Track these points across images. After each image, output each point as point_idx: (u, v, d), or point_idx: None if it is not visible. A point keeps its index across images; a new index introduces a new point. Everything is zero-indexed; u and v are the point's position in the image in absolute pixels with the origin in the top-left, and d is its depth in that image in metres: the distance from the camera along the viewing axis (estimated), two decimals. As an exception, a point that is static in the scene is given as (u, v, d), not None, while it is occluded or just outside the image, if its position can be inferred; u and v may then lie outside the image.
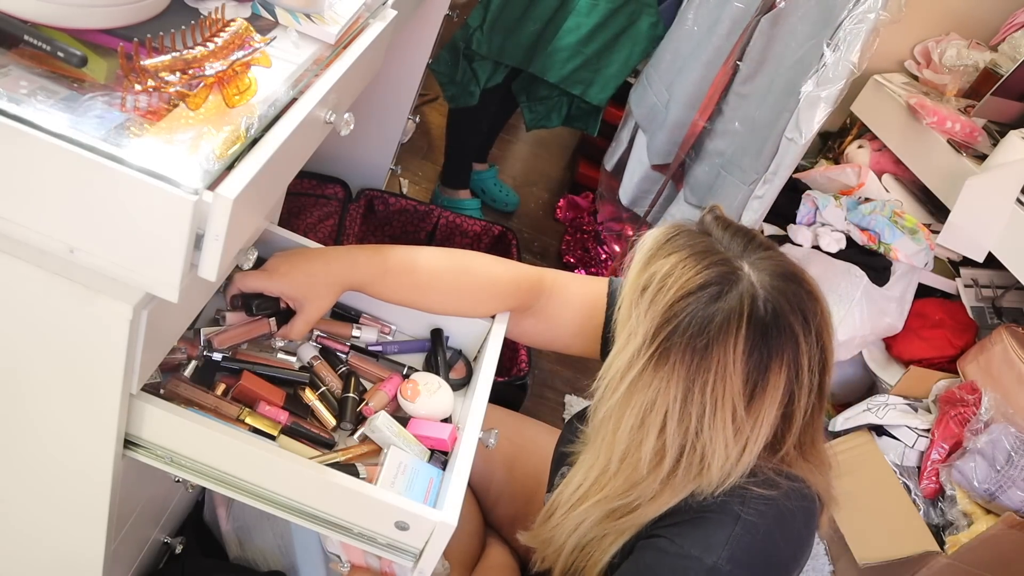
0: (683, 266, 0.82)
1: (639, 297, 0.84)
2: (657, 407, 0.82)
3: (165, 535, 1.22)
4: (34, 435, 0.83)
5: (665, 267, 0.82)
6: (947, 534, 1.64)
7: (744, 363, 0.79)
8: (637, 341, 0.82)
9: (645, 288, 0.83)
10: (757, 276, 0.81)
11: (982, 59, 2.10)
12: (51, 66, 0.65)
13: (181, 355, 0.99)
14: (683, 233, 0.86)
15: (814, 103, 1.61)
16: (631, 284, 0.86)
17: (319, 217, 1.98)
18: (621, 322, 0.87)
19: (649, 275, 0.83)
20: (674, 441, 0.82)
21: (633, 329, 0.83)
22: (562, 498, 0.95)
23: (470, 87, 2.16)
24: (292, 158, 0.79)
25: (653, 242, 0.87)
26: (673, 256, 0.83)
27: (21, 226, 0.65)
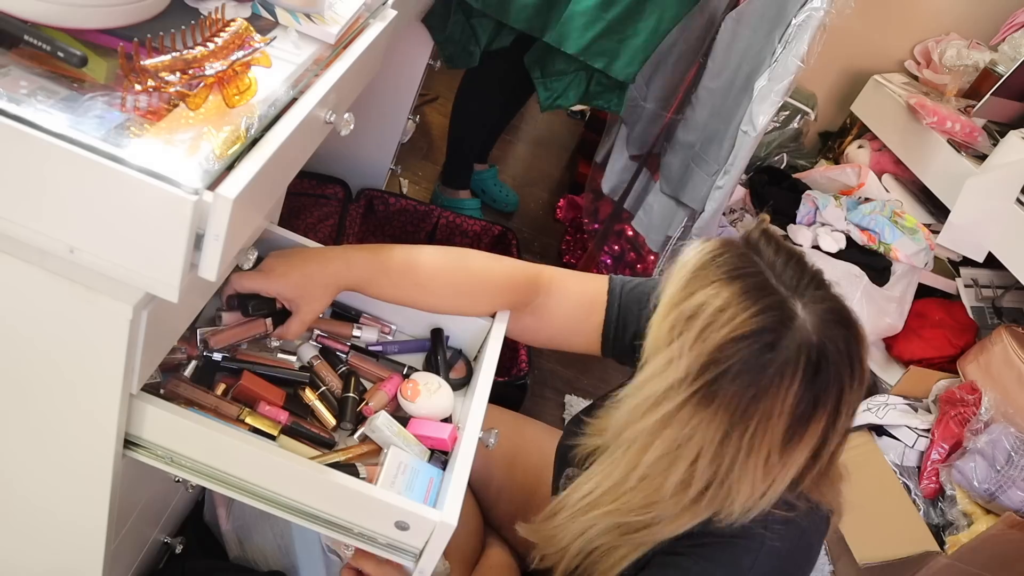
0: (737, 304, 0.78)
1: (685, 325, 0.80)
2: (692, 443, 0.80)
3: (165, 535, 1.22)
4: (34, 435, 0.83)
5: (717, 302, 0.79)
6: (947, 534, 1.64)
7: (790, 414, 0.77)
8: (679, 373, 0.79)
9: (692, 317, 0.79)
10: (812, 321, 0.78)
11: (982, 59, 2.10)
12: (51, 66, 0.65)
13: (181, 355, 0.99)
14: (731, 254, 0.83)
15: (765, 97, 1.65)
16: (673, 303, 0.82)
17: (319, 217, 1.98)
18: (657, 341, 0.83)
19: (698, 304, 0.80)
20: (703, 475, 0.81)
21: (674, 357, 0.80)
22: (569, 500, 0.94)
23: (469, 46, 1.90)
24: (292, 158, 0.79)
25: (698, 260, 0.83)
26: (724, 288, 0.79)
27: (21, 226, 0.65)
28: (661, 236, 2.02)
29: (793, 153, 2.42)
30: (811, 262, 0.85)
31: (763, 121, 1.66)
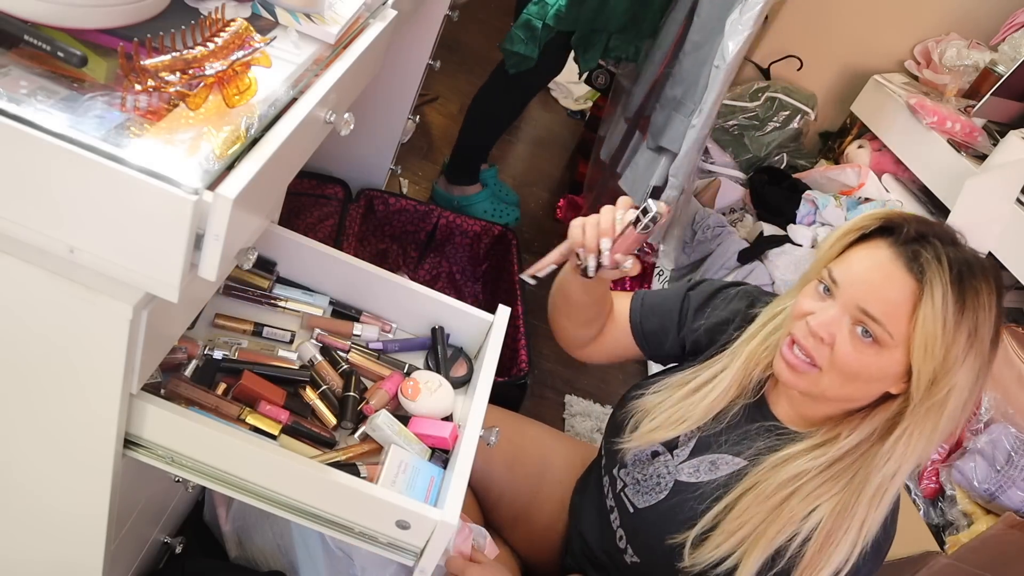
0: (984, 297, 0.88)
1: (967, 344, 0.87)
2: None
3: (165, 535, 1.22)
4: (34, 434, 0.83)
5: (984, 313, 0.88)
6: (947, 534, 1.64)
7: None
8: (979, 364, 0.89)
9: (971, 335, 0.87)
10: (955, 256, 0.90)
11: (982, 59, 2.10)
12: (51, 66, 0.65)
13: (181, 355, 0.99)
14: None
15: (735, 29, 1.70)
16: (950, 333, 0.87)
17: (319, 217, 1.98)
18: (949, 363, 0.87)
19: (972, 323, 0.87)
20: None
21: (971, 363, 0.88)
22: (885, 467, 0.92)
23: (534, 53, 2.16)
24: (292, 158, 0.79)
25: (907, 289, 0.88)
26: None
27: (21, 226, 0.65)
28: (643, 188, 2.06)
29: (793, 153, 2.42)
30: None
31: (733, 50, 1.72)
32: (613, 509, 1.12)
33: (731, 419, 1.03)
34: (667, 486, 1.04)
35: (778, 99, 2.36)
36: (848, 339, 0.89)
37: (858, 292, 0.88)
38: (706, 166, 2.36)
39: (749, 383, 1.02)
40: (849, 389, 0.91)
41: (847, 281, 0.90)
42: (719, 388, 1.03)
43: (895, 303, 0.86)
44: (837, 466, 0.92)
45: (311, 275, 1.18)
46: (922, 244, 0.88)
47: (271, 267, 1.17)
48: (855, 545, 0.89)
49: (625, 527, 1.09)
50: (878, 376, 0.89)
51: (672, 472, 1.04)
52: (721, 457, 1.01)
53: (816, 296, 0.93)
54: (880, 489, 0.90)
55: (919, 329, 0.85)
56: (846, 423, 0.93)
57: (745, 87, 2.43)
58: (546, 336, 2.22)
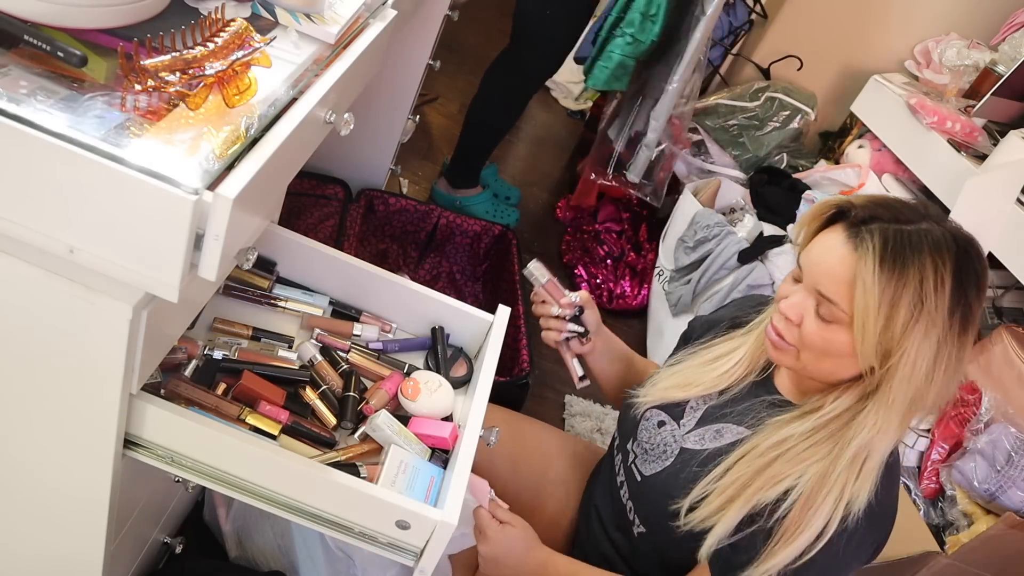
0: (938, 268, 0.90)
1: (916, 309, 0.89)
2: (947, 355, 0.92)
3: (165, 535, 1.22)
4: (34, 435, 0.83)
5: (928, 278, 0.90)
6: (947, 534, 1.64)
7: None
8: (938, 333, 0.91)
9: (917, 303, 0.89)
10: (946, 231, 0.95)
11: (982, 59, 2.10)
12: (51, 66, 0.65)
13: (181, 355, 0.99)
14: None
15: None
16: (890, 305, 0.90)
17: (319, 217, 1.98)
18: (893, 334, 0.90)
19: (915, 291, 0.89)
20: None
21: (928, 326, 0.90)
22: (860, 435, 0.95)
23: (626, 87, 2.23)
24: (292, 158, 0.79)
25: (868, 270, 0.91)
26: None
27: (21, 226, 0.65)
28: (627, 134, 2.29)
29: (793, 153, 2.42)
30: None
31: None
32: (623, 484, 1.14)
33: (738, 393, 1.09)
34: (673, 453, 1.08)
35: (778, 99, 2.36)
36: (813, 319, 0.95)
37: (815, 274, 0.95)
38: (706, 166, 2.36)
39: (760, 361, 1.09)
40: (826, 364, 0.96)
41: (807, 265, 0.96)
42: (732, 361, 1.10)
43: (843, 281, 0.91)
44: (820, 433, 0.96)
45: (311, 275, 1.18)
46: (867, 224, 0.92)
47: (271, 267, 1.17)
48: (835, 510, 0.92)
49: (633, 497, 1.12)
50: (847, 352, 0.93)
51: (678, 440, 1.08)
52: (726, 426, 1.06)
53: (791, 281, 1.01)
54: (858, 457, 0.94)
55: (856, 303, 0.90)
56: (831, 393, 0.98)
57: (745, 87, 2.42)
58: (546, 336, 2.22)
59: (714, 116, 2.36)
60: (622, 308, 2.41)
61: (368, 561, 1.14)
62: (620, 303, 2.41)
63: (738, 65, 2.61)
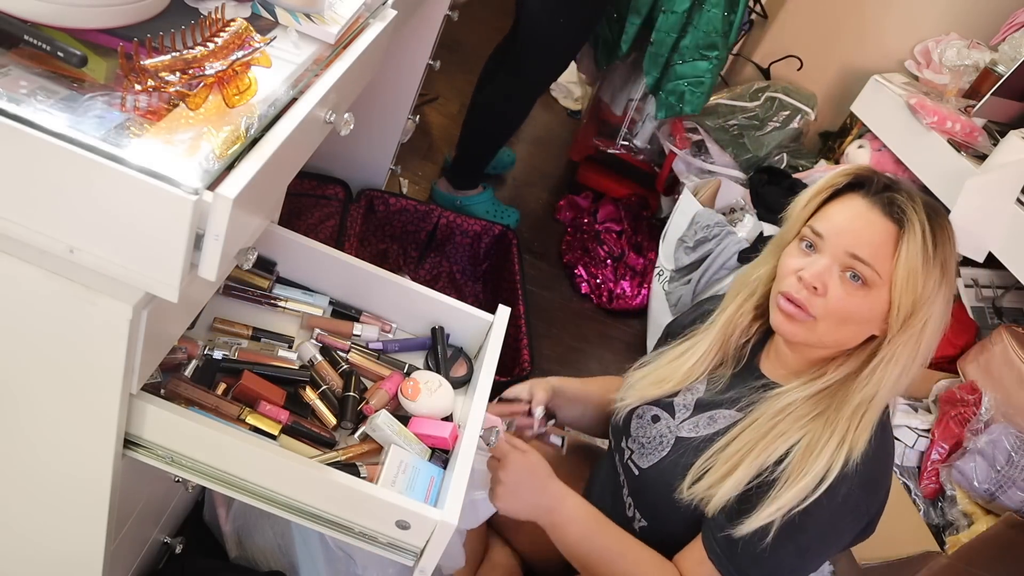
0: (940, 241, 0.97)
1: (942, 272, 0.96)
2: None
3: (165, 535, 1.22)
4: (34, 435, 0.83)
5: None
6: (947, 534, 1.64)
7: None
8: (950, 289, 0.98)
9: (944, 266, 0.96)
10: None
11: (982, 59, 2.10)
12: (51, 66, 0.65)
13: (181, 355, 0.99)
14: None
15: None
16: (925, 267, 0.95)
17: (320, 218, 1.98)
18: (925, 294, 0.95)
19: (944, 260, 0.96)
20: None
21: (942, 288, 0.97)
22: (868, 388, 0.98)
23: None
24: (292, 158, 0.79)
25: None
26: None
27: (21, 226, 0.65)
28: (624, 100, 2.44)
29: (793, 153, 2.42)
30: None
31: None
32: (624, 483, 1.15)
33: (723, 385, 1.11)
34: (669, 443, 1.09)
35: (778, 99, 2.35)
36: (840, 285, 0.97)
37: (845, 239, 0.97)
38: (706, 166, 2.36)
39: (729, 348, 1.11)
40: (842, 332, 0.99)
41: (832, 232, 0.98)
42: (698, 352, 1.12)
43: (879, 244, 0.95)
44: (822, 394, 1.00)
45: (311, 275, 1.18)
46: (894, 191, 0.97)
47: (271, 267, 1.17)
48: (836, 455, 0.95)
49: (632, 492, 1.12)
50: (868, 316, 0.97)
51: (673, 431, 1.10)
52: (719, 412, 1.08)
53: (800, 253, 1.01)
54: (860, 408, 0.97)
55: (902, 264, 0.94)
56: (832, 363, 1.02)
57: (745, 87, 2.42)
58: (546, 336, 2.23)
59: (714, 116, 2.36)
60: (622, 308, 2.41)
61: (368, 561, 1.14)
62: (620, 303, 2.41)
63: (738, 65, 2.61)
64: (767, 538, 0.95)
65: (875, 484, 0.99)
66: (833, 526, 0.97)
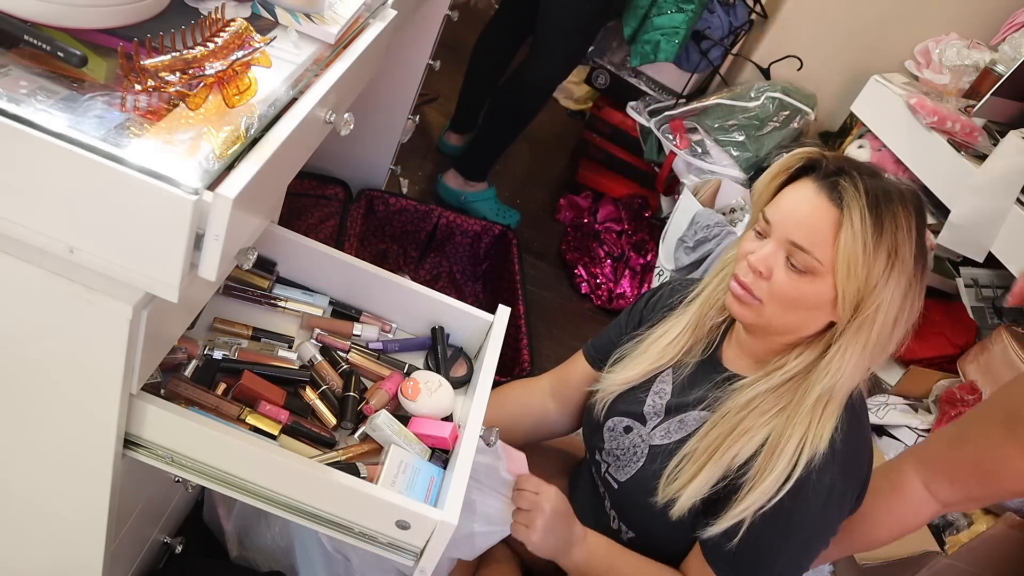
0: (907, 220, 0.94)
1: (894, 259, 0.93)
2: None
3: (165, 535, 1.22)
4: (34, 435, 0.83)
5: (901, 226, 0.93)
6: (947, 534, 1.64)
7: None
8: (907, 276, 0.94)
9: (891, 254, 0.93)
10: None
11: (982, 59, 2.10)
12: (51, 66, 0.65)
13: (181, 355, 0.99)
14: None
15: None
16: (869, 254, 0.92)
17: (320, 218, 1.98)
18: (870, 282, 0.93)
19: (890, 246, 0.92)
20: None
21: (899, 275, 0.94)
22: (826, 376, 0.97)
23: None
24: (292, 158, 0.79)
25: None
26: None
27: (21, 226, 0.65)
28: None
29: (793, 153, 2.42)
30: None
31: None
32: (605, 495, 1.14)
33: (688, 376, 1.10)
34: (643, 454, 1.09)
35: (778, 99, 2.35)
36: (784, 271, 0.96)
37: (787, 226, 0.96)
38: (706, 166, 2.36)
39: (703, 330, 1.11)
40: (791, 318, 0.97)
41: (777, 218, 0.97)
42: (672, 334, 1.12)
43: (819, 231, 0.93)
44: (785, 386, 0.99)
45: (311, 275, 1.18)
46: (841, 175, 0.95)
47: (271, 267, 1.17)
48: (798, 452, 0.95)
49: (614, 505, 1.12)
50: (815, 303, 0.95)
51: (646, 439, 1.09)
52: (688, 414, 1.07)
53: (753, 238, 1.01)
54: (820, 401, 0.96)
55: (841, 252, 0.92)
56: (793, 352, 1.00)
57: (745, 87, 2.42)
58: (546, 336, 2.22)
59: (714, 116, 2.36)
60: (622, 308, 2.41)
61: (366, 563, 1.14)
62: (620, 303, 2.41)
63: (738, 65, 2.61)
64: (764, 541, 0.95)
65: (855, 464, 1.00)
66: (825, 516, 0.98)
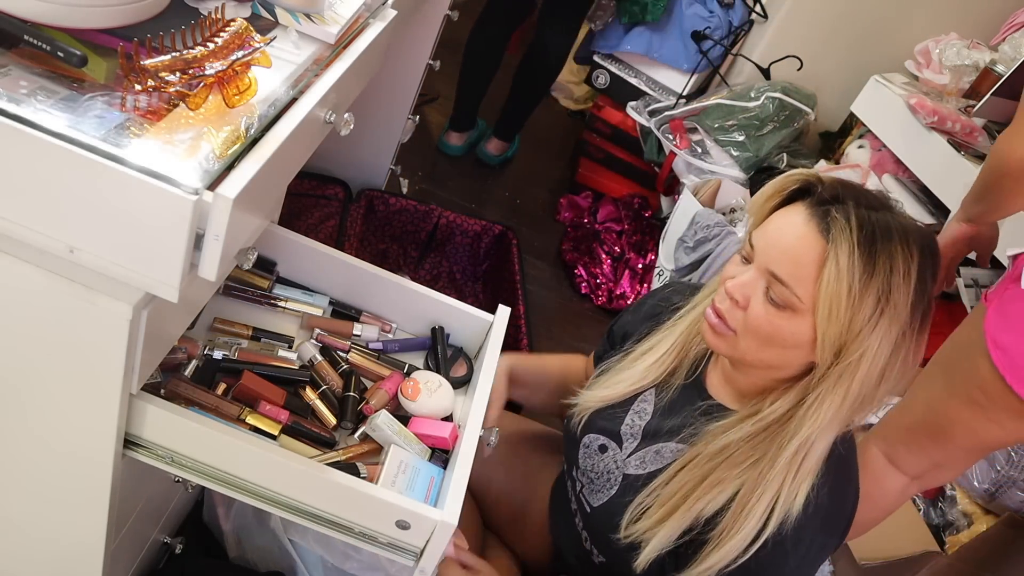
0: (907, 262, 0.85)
1: (885, 302, 0.84)
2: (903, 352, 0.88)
3: (165, 535, 1.22)
4: (34, 435, 0.83)
5: (898, 270, 0.84)
6: (947, 534, 1.64)
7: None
8: (900, 325, 0.85)
9: (884, 295, 0.84)
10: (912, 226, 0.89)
11: (982, 59, 2.10)
12: (51, 66, 0.65)
13: (181, 355, 0.99)
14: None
15: None
16: (861, 289, 0.84)
17: (320, 218, 1.98)
18: (856, 325, 0.85)
19: (882, 284, 0.84)
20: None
21: (891, 321, 0.86)
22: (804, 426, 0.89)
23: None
24: (292, 158, 0.79)
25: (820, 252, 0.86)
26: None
27: (21, 226, 0.65)
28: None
29: (793, 153, 2.42)
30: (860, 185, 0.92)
31: None
32: (576, 512, 1.12)
33: (670, 400, 1.04)
34: (616, 481, 1.05)
35: (778, 99, 2.35)
36: (761, 302, 0.87)
37: (769, 254, 0.87)
38: (706, 166, 2.36)
39: (689, 352, 1.03)
40: (768, 354, 0.89)
41: (761, 244, 0.89)
42: (659, 352, 1.04)
43: (802, 264, 0.84)
44: (761, 436, 0.91)
45: (311, 275, 1.18)
46: (835, 204, 0.85)
47: (271, 267, 1.17)
48: (769, 512, 0.88)
49: (586, 527, 1.10)
50: (792, 342, 0.87)
51: (620, 466, 1.05)
52: (665, 446, 1.01)
53: (738, 262, 0.92)
54: (796, 456, 0.88)
55: (823, 291, 0.83)
56: (772, 394, 0.92)
57: (745, 87, 2.42)
58: (546, 337, 2.22)
59: (714, 116, 2.36)
60: (622, 308, 2.41)
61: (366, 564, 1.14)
62: (620, 303, 2.41)
63: (738, 65, 2.61)
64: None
65: (838, 517, 0.94)
66: (800, 572, 0.93)
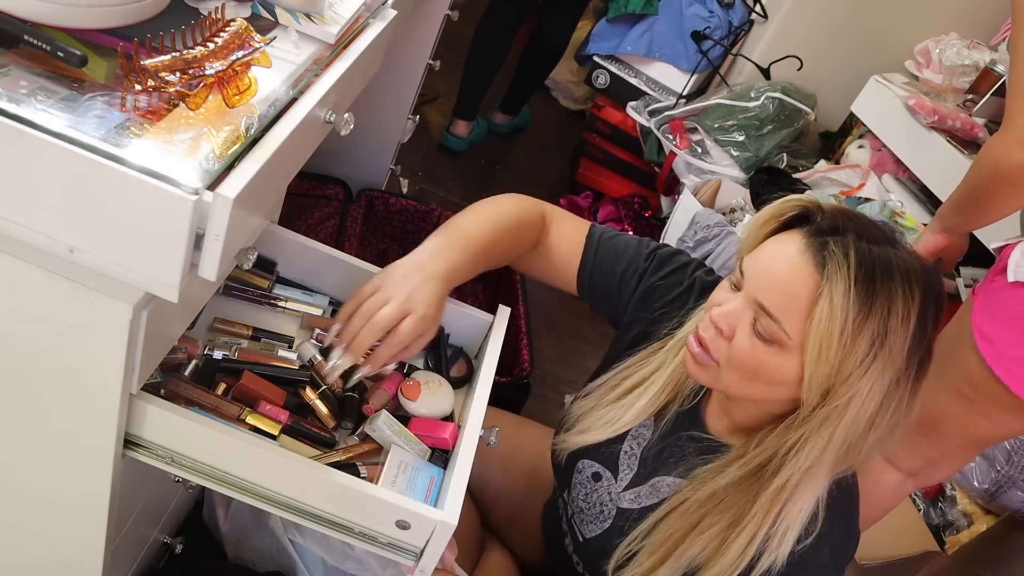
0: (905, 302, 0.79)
1: (878, 346, 0.78)
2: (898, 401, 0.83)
3: (165, 535, 1.22)
4: (34, 435, 0.83)
5: (896, 311, 0.79)
6: (947, 534, 1.65)
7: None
8: (894, 373, 0.80)
9: (879, 338, 0.78)
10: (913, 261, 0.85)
11: (982, 59, 2.10)
12: (51, 66, 0.65)
13: (181, 355, 0.99)
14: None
15: None
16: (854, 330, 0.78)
17: (320, 218, 1.98)
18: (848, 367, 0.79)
19: (878, 326, 0.78)
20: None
21: (885, 365, 0.80)
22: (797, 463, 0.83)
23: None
24: (292, 158, 0.79)
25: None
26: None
27: (21, 226, 0.65)
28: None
29: (793, 153, 2.42)
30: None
31: None
32: (567, 534, 1.11)
33: (665, 428, 0.99)
34: (610, 514, 1.02)
35: (778, 99, 2.36)
36: (747, 334, 0.82)
37: (759, 284, 0.81)
38: (706, 166, 2.36)
39: (685, 384, 0.98)
40: (753, 389, 0.84)
41: (751, 272, 0.83)
42: (652, 390, 0.98)
43: (793, 298, 0.78)
44: (749, 480, 0.86)
45: (311, 275, 1.18)
46: (834, 236, 0.79)
47: (271, 267, 1.17)
48: (745, 553, 0.84)
49: (577, 553, 1.09)
50: (778, 379, 0.81)
51: (614, 499, 1.02)
52: (662, 479, 0.98)
53: (728, 288, 0.86)
54: (779, 497, 0.83)
55: (813, 329, 0.77)
56: (760, 434, 0.87)
57: (745, 87, 2.43)
58: (546, 337, 2.22)
59: (714, 116, 2.36)
60: (622, 308, 2.41)
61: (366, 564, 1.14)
62: (620, 303, 2.41)
63: (738, 65, 2.61)
64: None
65: (840, 556, 0.90)
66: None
